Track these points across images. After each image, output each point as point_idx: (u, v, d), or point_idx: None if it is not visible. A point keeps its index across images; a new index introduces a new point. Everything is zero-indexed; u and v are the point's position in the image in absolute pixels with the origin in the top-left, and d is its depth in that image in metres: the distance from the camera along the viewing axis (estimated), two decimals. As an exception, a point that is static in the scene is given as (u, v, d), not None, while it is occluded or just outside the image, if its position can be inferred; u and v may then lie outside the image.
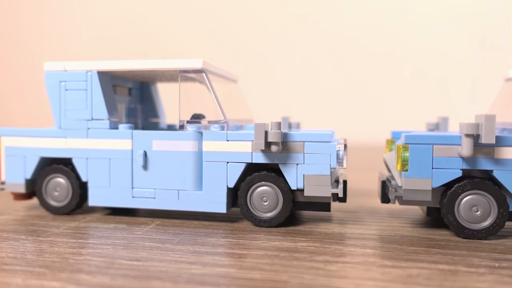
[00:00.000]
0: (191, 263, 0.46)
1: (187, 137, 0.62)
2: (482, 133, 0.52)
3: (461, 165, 0.55)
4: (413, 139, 0.57)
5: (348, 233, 0.59)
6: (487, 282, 0.41)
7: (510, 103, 0.67)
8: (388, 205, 0.76)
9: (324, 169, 0.59)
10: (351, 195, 0.85)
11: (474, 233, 0.56)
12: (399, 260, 0.48)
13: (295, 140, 0.59)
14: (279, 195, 0.61)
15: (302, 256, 0.49)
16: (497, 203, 0.55)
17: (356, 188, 0.92)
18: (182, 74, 0.64)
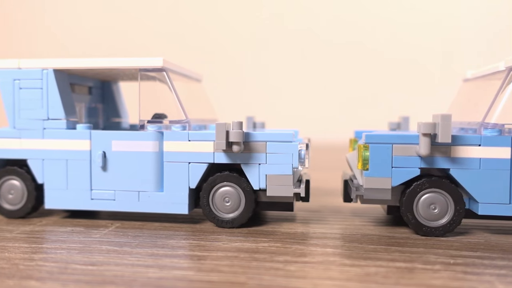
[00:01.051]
0: (148, 266, 0.45)
1: (148, 137, 0.61)
2: (438, 132, 0.53)
3: (419, 164, 0.56)
4: (373, 139, 0.57)
5: (310, 233, 0.59)
6: (442, 279, 0.42)
7: (468, 103, 0.69)
8: (352, 204, 0.76)
9: (286, 169, 0.59)
10: (315, 195, 0.86)
11: (432, 230, 0.57)
12: (358, 258, 0.48)
13: (257, 140, 0.59)
14: (241, 196, 0.60)
15: (262, 257, 0.48)
16: (453, 201, 0.56)
17: (321, 188, 0.93)
18: (142, 73, 0.63)
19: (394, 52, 1.87)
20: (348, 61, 1.90)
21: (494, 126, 0.56)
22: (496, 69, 0.61)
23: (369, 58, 1.89)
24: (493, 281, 0.42)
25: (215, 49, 1.98)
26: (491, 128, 0.56)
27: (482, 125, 0.57)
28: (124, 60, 0.62)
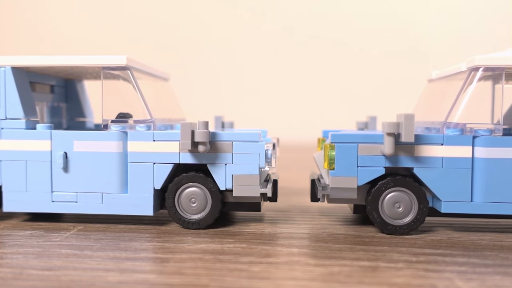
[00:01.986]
0: (109, 270, 0.44)
1: (111, 137, 0.60)
2: (402, 132, 0.54)
3: (384, 163, 0.57)
4: (339, 138, 0.57)
5: (277, 233, 0.58)
6: (404, 277, 0.43)
7: (432, 103, 0.70)
8: (321, 203, 0.76)
9: (253, 169, 0.58)
10: (285, 194, 0.86)
11: (397, 228, 0.57)
12: (323, 258, 0.48)
13: (223, 139, 0.58)
14: (207, 196, 0.59)
15: (227, 258, 0.48)
16: (417, 199, 0.57)
17: (290, 187, 0.93)
18: (105, 71, 0.61)
19: (363, 52, 1.89)
20: (318, 61, 1.91)
21: (456, 125, 0.57)
22: (458, 69, 0.62)
23: (339, 58, 1.90)
24: (453, 278, 0.42)
25: (185, 48, 1.96)
26: (453, 128, 0.57)
27: (445, 124, 0.57)
28: (86, 58, 0.61)
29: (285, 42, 1.94)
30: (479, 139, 0.56)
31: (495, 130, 0.56)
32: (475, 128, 0.56)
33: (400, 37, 1.88)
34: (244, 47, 1.97)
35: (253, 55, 1.95)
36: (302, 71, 1.92)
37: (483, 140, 0.55)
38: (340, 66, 1.90)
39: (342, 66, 1.90)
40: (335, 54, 1.91)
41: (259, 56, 1.95)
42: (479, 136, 0.56)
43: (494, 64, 0.56)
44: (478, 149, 0.56)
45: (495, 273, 0.44)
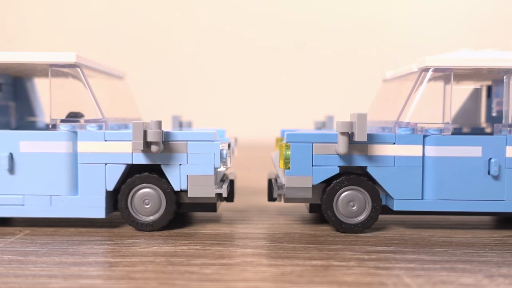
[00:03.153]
0: (52, 276, 0.42)
1: (60, 137, 0.57)
2: (355, 131, 0.54)
3: (338, 162, 0.57)
4: (294, 138, 0.57)
5: (233, 233, 0.58)
6: (354, 275, 0.43)
7: (386, 103, 0.71)
8: (279, 203, 0.77)
9: (208, 169, 0.57)
10: (244, 194, 0.85)
11: (351, 227, 0.58)
12: (276, 258, 0.48)
13: (178, 139, 0.57)
14: (161, 197, 0.58)
15: (179, 261, 0.47)
16: (371, 198, 0.58)
17: (250, 187, 0.93)
18: (53, 68, 0.59)
19: (323, 51, 1.91)
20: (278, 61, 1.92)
21: (407, 125, 0.58)
22: (410, 70, 0.63)
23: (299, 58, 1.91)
24: (401, 275, 0.43)
25: (146, 47, 1.92)
26: (405, 127, 0.58)
27: (397, 124, 0.59)
28: (33, 54, 0.58)
29: (245, 42, 1.94)
30: (429, 138, 0.57)
31: (445, 129, 0.58)
32: (426, 128, 0.58)
33: (361, 36, 1.91)
34: (205, 47, 1.95)
35: (213, 56, 1.94)
36: (263, 71, 1.92)
37: (433, 139, 0.57)
38: (301, 65, 1.91)
39: (302, 66, 1.91)
40: (296, 54, 1.92)
41: (219, 57, 1.93)
42: (429, 135, 0.57)
43: (444, 65, 0.58)
44: (428, 148, 0.57)
45: (442, 269, 0.45)
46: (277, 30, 1.93)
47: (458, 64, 0.58)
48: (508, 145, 0.57)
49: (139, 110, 0.79)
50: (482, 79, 0.74)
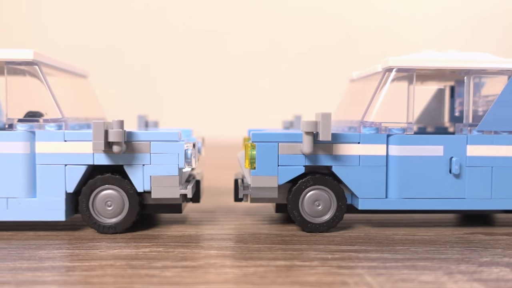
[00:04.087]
0: (4, 283, 0.40)
1: (16, 138, 0.55)
2: (320, 130, 0.55)
3: (303, 162, 0.57)
4: (259, 137, 0.57)
5: (198, 235, 0.57)
6: (316, 275, 0.43)
7: (353, 102, 0.72)
8: (247, 203, 0.76)
9: (172, 169, 0.56)
10: (212, 194, 0.85)
11: (317, 226, 0.58)
12: (240, 259, 0.47)
13: (141, 139, 0.56)
14: (124, 199, 0.57)
15: (139, 264, 0.46)
16: (336, 197, 0.58)
17: (218, 187, 0.92)
18: (9, 66, 0.56)
19: (293, 51, 1.92)
20: (248, 61, 1.91)
21: (372, 124, 0.58)
22: (375, 70, 0.64)
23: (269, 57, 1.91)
24: (363, 273, 0.43)
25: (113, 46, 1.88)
26: (369, 127, 0.58)
27: (361, 123, 0.59)
28: (-13, 51, 0.56)
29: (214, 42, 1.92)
30: (393, 137, 0.58)
31: (408, 129, 0.59)
32: (390, 127, 0.58)
33: (331, 35, 1.92)
34: (175, 46, 1.92)
35: (183, 55, 1.92)
36: (232, 71, 1.92)
37: (396, 139, 0.57)
38: (270, 65, 1.91)
39: (272, 66, 1.91)
40: (266, 54, 1.92)
41: (189, 56, 1.92)
42: (392, 135, 0.58)
43: (406, 65, 0.58)
44: (392, 147, 0.58)
45: (404, 267, 0.45)
46: (246, 30, 1.93)
47: (420, 64, 0.58)
48: (469, 144, 0.58)
49: (103, 109, 0.77)
50: (446, 79, 0.75)
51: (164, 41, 1.92)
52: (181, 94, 1.88)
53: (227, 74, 1.92)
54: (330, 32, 1.92)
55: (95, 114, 0.72)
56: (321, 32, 1.92)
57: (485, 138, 0.58)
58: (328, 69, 1.81)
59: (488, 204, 0.58)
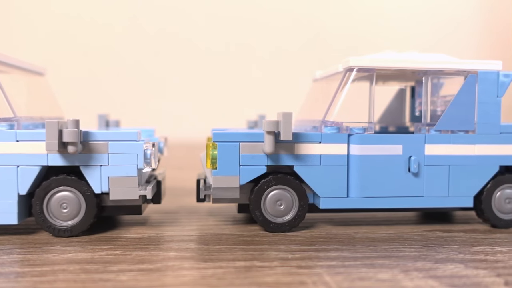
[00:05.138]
0: None
1: (-36, 138, 0.52)
2: (281, 130, 0.54)
3: (265, 162, 0.57)
4: (220, 137, 0.56)
5: (158, 237, 0.56)
6: (276, 275, 0.43)
7: (315, 102, 0.72)
8: (210, 203, 0.75)
9: (131, 170, 0.55)
10: (175, 195, 0.83)
11: (279, 226, 0.58)
12: (199, 261, 0.47)
13: (98, 139, 0.54)
14: (81, 201, 0.55)
15: (94, 268, 0.44)
16: (298, 197, 0.58)
17: (183, 187, 0.91)
18: (-44, 62, 0.54)
19: (258, 50, 1.92)
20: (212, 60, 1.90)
21: (333, 124, 0.59)
22: (336, 70, 0.64)
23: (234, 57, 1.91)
24: (322, 273, 0.43)
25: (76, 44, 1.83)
26: (330, 126, 0.59)
27: (323, 123, 0.59)
28: None
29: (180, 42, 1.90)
30: (353, 137, 0.58)
31: (368, 128, 0.59)
32: (350, 127, 0.59)
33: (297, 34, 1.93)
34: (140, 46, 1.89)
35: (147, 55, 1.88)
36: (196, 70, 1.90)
37: (356, 138, 0.58)
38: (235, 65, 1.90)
39: (237, 65, 1.91)
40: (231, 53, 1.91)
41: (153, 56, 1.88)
42: (353, 134, 0.58)
43: (367, 65, 0.59)
44: (353, 147, 0.58)
45: (362, 265, 0.46)
46: (210, 29, 1.91)
47: (380, 64, 0.59)
48: (427, 143, 0.59)
49: (61, 108, 0.74)
50: (407, 80, 0.77)
51: (128, 39, 1.88)
52: (146, 94, 1.85)
53: (193, 74, 1.90)
54: (299, 32, 1.93)
55: (52, 113, 0.69)
56: (289, 32, 1.93)
57: (443, 137, 0.59)
58: (296, 68, 1.81)
59: (445, 202, 0.60)
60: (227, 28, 1.92)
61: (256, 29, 1.92)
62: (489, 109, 0.60)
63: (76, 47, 1.82)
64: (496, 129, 0.60)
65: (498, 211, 0.61)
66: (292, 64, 1.86)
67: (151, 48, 1.88)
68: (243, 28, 1.91)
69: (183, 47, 1.90)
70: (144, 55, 1.88)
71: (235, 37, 1.91)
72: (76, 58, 1.80)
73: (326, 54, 1.85)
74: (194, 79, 1.90)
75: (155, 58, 1.88)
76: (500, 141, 0.60)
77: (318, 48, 1.91)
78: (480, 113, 0.60)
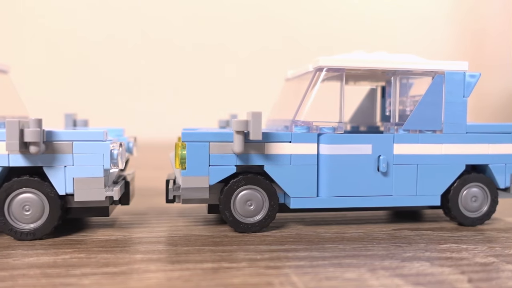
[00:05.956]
0: None
1: None
2: (250, 129, 0.54)
3: (235, 162, 0.57)
4: (189, 137, 0.56)
5: (126, 239, 0.55)
6: (243, 276, 0.42)
7: (287, 102, 0.72)
8: (181, 204, 0.74)
9: (97, 170, 0.54)
10: (146, 195, 0.82)
11: (249, 226, 0.57)
12: (166, 263, 0.46)
13: (62, 139, 0.53)
14: (44, 203, 0.53)
15: (56, 272, 0.43)
16: (268, 197, 0.58)
17: (153, 188, 0.89)
18: None
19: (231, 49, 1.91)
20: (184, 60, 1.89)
21: (303, 123, 0.59)
22: (307, 69, 0.64)
23: (206, 56, 1.90)
24: (289, 273, 0.43)
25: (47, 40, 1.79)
26: (301, 126, 0.59)
27: (293, 122, 0.59)
28: None
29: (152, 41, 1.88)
30: (323, 136, 0.58)
31: (338, 128, 0.59)
32: (320, 126, 0.59)
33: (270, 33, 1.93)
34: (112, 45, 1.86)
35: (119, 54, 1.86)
36: (169, 70, 1.88)
37: (326, 138, 0.58)
38: (208, 64, 1.89)
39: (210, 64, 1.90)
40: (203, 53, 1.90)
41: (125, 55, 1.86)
42: (323, 134, 0.58)
43: (336, 65, 0.59)
44: (322, 146, 0.58)
45: (330, 265, 0.46)
46: (183, 29, 1.90)
47: (349, 64, 0.59)
48: (395, 143, 0.60)
49: (25, 107, 0.72)
50: (378, 80, 0.77)
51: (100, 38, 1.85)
52: (119, 93, 1.82)
53: (167, 73, 1.88)
54: (273, 31, 1.94)
55: (16, 112, 0.67)
56: (263, 31, 1.93)
57: (411, 137, 0.60)
58: (269, 68, 1.82)
59: (413, 201, 0.60)
60: (200, 27, 1.90)
61: (230, 29, 1.91)
62: (455, 109, 0.61)
63: (45, 45, 1.78)
64: (462, 128, 0.61)
65: (465, 209, 0.62)
66: (266, 63, 1.86)
67: (124, 48, 1.85)
68: (216, 28, 1.90)
69: (157, 47, 1.88)
70: (116, 55, 1.85)
71: (208, 37, 1.90)
72: (44, 56, 1.76)
73: (300, 53, 1.86)
74: (168, 79, 1.88)
75: (128, 58, 1.85)
76: (466, 141, 0.62)
77: (292, 47, 1.92)
78: (447, 113, 0.61)
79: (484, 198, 0.63)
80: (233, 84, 1.86)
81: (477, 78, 0.62)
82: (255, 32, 1.92)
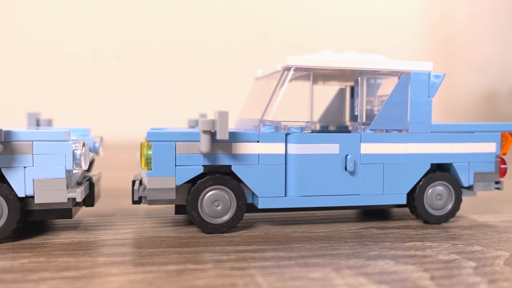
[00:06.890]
0: None
1: None
2: (217, 129, 0.53)
3: (202, 162, 0.56)
4: (155, 137, 0.55)
5: (89, 241, 0.53)
6: (207, 278, 0.41)
7: (256, 101, 0.72)
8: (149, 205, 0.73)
9: (58, 171, 0.52)
10: (114, 197, 0.80)
11: (217, 227, 0.57)
12: (129, 266, 0.45)
13: (21, 139, 0.51)
14: (3, 205, 0.51)
15: (12, 277, 0.41)
16: (236, 197, 0.57)
17: (120, 189, 0.87)
18: None
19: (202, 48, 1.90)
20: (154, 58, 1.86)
21: (271, 123, 0.58)
22: (275, 69, 0.64)
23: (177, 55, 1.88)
24: (255, 274, 0.43)
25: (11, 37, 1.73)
26: (268, 125, 0.58)
27: (261, 122, 0.59)
28: None
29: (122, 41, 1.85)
30: (291, 136, 0.58)
31: (306, 128, 0.59)
32: (288, 126, 0.59)
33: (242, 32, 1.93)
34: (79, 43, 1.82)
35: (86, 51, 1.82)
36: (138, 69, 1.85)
37: (294, 137, 0.58)
38: (178, 63, 1.88)
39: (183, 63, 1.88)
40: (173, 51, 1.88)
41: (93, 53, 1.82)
42: (291, 133, 0.58)
43: (304, 65, 0.59)
44: (290, 146, 0.58)
45: (296, 265, 0.45)
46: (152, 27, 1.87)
47: (317, 64, 0.59)
48: (362, 142, 0.60)
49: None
50: (347, 79, 0.78)
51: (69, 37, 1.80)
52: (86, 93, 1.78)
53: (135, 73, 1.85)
54: (244, 29, 1.93)
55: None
56: (234, 29, 1.93)
57: (377, 136, 0.61)
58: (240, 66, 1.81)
59: (380, 200, 0.61)
60: (170, 25, 1.88)
61: (200, 27, 1.90)
62: (421, 108, 0.62)
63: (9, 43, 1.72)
64: (427, 128, 0.62)
65: (430, 207, 0.63)
66: (237, 62, 1.85)
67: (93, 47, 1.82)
68: (186, 26, 1.89)
69: (125, 46, 1.84)
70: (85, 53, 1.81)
71: (178, 35, 1.88)
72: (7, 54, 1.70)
73: (271, 52, 1.86)
74: (136, 78, 1.85)
75: (96, 58, 1.81)
76: (431, 140, 0.63)
77: (263, 46, 1.92)
78: (412, 113, 0.62)
79: (449, 196, 0.64)
80: (204, 83, 1.85)
81: (441, 79, 0.63)
82: (227, 31, 1.91)
